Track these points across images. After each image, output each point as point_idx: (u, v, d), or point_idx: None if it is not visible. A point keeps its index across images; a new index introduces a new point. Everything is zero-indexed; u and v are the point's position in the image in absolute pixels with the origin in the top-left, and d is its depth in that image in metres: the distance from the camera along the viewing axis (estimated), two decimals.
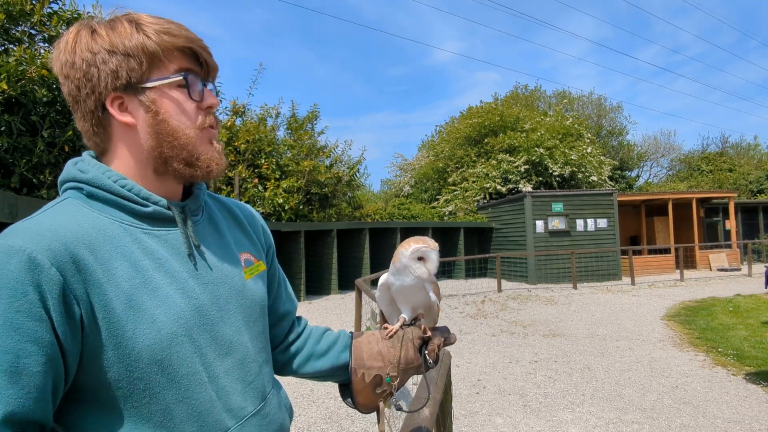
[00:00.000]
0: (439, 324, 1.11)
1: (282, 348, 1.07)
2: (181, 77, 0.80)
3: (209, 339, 0.80)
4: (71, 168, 0.81)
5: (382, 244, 15.59)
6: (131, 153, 0.81)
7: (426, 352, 1.02)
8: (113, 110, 0.79)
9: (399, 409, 1.03)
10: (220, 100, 0.93)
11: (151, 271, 0.76)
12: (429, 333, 1.03)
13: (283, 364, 1.08)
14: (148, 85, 0.78)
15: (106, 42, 0.77)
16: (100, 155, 0.84)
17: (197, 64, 0.83)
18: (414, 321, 1.06)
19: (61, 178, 0.82)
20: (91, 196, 0.78)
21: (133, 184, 0.80)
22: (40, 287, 0.65)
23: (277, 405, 0.94)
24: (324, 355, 1.07)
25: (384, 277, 1.07)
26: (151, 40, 0.77)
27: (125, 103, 0.79)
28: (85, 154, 0.84)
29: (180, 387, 0.75)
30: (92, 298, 0.69)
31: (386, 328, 1.07)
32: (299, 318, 1.14)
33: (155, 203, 0.81)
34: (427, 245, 1.00)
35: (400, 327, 1.05)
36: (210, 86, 0.86)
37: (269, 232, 1.09)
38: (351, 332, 1.10)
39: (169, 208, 0.82)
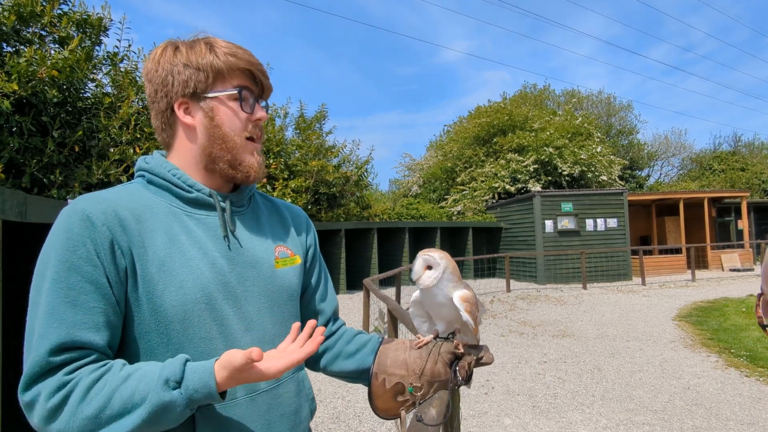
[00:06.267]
0: None
1: None
2: (236, 91, 0.95)
3: (233, 313, 0.91)
4: (140, 161, 0.98)
5: (391, 244, 15.57)
6: (189, 149, 0.97)
7: (457, 368, 1.01)
8: (179, 112, 0.95)
9: (419, 420, 1.03)
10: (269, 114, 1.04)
11: (186, 246, 0.89)
12: (462, 349, 1.02)
13: (313, 360, 1.12)
14: (210, 94, 0.94)
15: (184, 57, 0.93)
16: (166, 148, 1.01)
17: (254, 84, 0.99)
18: (450, 335, 1.05)
19: (135, 168, 1.00)
20: (150, 182, 0.95)
21: (182, 174, 0.95)
22: (95, 240, 0.81)
23: (294, 390, 0.99)
24: (351, 356, 1.09)
25: (416, 294, 1.09)
26: (219, 59, 0.93)
27: (189, 108, 0.95)
28: (155, 152, 1.01)
29: (197, 348, 0.86)
30: (134, 254, 0.84)
31: (419, 338, 1.06)
32: (336, 318, 1.17)
33: (198, 190, 0.95)
34: (419, 254, 1.03)
35: (433, 339, 1.04)
36: (263, 103, 1.01)
37: (315, 234, 1.19)
38: (383, 337, 1.11)
39: (210, 196, 0.95)
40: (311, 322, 0.91)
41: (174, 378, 0.76)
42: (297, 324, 0.92)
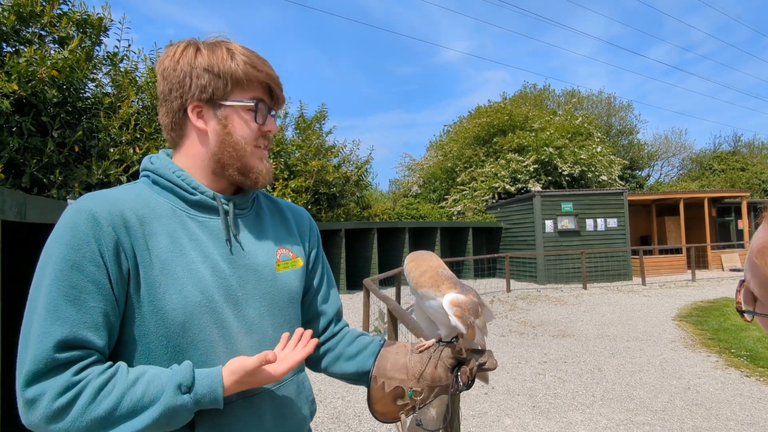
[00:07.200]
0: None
1: None
2: (252, 104, 0.96)
3: (234, 316, 0.91)
4: (145, 160, 0.98)
5: (391, 244, 15.57)
6: (197, 152, 0.97)
7: (458, 373, 1.00)
8: (192, 115, 0.94)
9: (419, 425, 1.02)
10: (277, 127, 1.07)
11: (188, 249, 0.89)
12: (464, 354, 1.01)
13: (314, 361, 1.13)
14: (226, 103, 0.94)
15: (205, 61, 0.92)
16: (173, 146, 1.01)
17: (269, 96, 0.99)
18: (454, 339, 1.04)
19: (140, 167, 1.00)
20: (154, 182, 0.95)
21: (186, 175, 0.95)
22: (99, 240, 0.81)
23: (294, 392, 1.00)
24: (352, 358, 1.09)
25: (414, 298, 1.08)
26: (239, 68, 0.93)
27: (203, 112, 0.95)
28: (161, 151, 1.01)
29: (197, 351, 0.86)
30: (137, 256, 0.84)
31: (421, 341, 1.06)
32: (339, 319, 1.17)
33: (202, 193, 0.95)
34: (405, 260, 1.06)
35: (435, 343, 1.04)
36: (273, 113, 1.02)
37: (318, 235, 1.18)
38: (384, 340, 1.11)
39: (214, 199, 0.95)
40: (299, 330, 0.96)
41: (186, 383, 0.79)
42: (287, 334, 0.96)
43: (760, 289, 0.66)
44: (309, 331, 0.96)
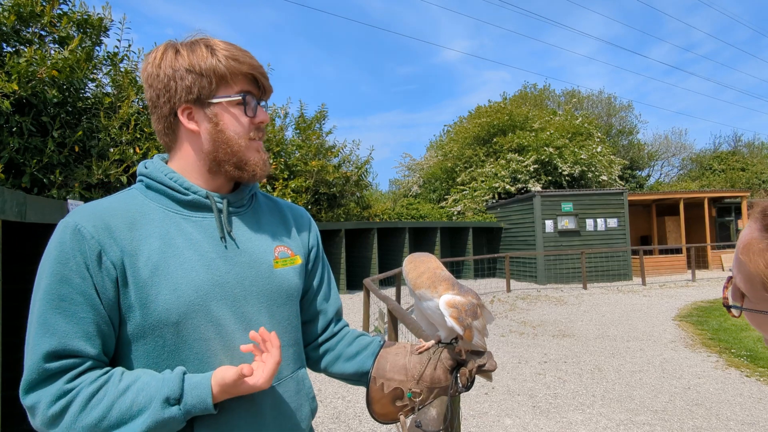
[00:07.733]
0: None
1: (314, 345, 1.13)
2: (240, 97, 0.95)
3: (231, 313, 0.91)
4: (140, 166, 0.98)
5: (391, 244, 15.57)
6: (192, 153, 0.97)
7: (458, 374, 1.00)
8: (182, 118, 0.94)
9: (418, 426, 1.02)
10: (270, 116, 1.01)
11: (182, 248, 0.89)
12: (464, 355, 1.01)
13: (314, 361, 1.13)
14: (214, 100, 0.94)
15: (186, 62, 0.92)
16: (168, 151, 1.01)
17: (255, 86, 0.98)
18: (453, 341, 1.04)
19: (137, 172, 1.00)
20: (148, 186, 0.95)
21: (179, 177, 0.95)
22: (84, 253, 0.82)
23: (294, 389, 1.00)
24: (351, 359, 1.09)
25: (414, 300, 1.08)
26: (221, 64, 0.92)
27: (193, 113, 0.95)
28: (155, 156, 1.01)
29: (192, 350, 0.87)
30: (126, 264, 0.85)
31: (421, 342, 1.06)
32: (339, 319, 1.17)
33: (194, 193, 0.94)
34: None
35: (435, 345, 1.04)
36: (263, 104, 1.01)
37: (317, 234, 1.18)
38: (384, 341, 1.11)
39: (207, 198, 0.95)
40: (252, 335, 0.89)
41: (174, 396, 0.80)
42: (251, 346, 0.89)
43: (746, 285, 0.67)
44: (262, 328, 0.89)
